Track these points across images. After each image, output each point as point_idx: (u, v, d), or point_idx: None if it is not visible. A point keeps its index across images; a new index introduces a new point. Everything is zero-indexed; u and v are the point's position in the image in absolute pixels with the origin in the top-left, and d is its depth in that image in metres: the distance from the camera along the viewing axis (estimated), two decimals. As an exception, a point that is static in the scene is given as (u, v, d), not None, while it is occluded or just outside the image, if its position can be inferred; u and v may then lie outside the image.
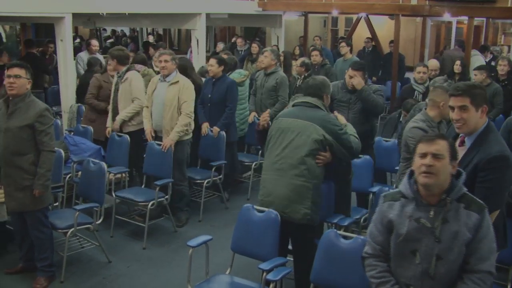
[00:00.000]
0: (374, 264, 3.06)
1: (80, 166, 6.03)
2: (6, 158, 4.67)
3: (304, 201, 4.07)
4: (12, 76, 4.58)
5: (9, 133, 4.61)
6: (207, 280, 4.12)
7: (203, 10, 10.56)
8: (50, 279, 4.95)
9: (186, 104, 6.11)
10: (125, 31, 21.03)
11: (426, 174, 2.81)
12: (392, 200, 3.01)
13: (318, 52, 9.19)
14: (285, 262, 3.99)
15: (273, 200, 4.15)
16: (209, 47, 14.74)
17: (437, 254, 2.80)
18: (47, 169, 4.67)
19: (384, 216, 3.01)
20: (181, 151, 6.23)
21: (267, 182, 4.26)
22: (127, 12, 9.43)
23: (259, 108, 7.65)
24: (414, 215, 2.87)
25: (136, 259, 5.53)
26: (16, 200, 4.70)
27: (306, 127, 4.12)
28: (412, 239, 2.86)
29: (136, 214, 6.48)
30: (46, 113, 4.65)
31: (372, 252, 3.09)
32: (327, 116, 4.24)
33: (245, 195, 7.37)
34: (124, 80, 6.61)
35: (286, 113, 4.40)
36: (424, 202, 2.87)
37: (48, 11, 7.60)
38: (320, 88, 4.38)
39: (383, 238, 3.03)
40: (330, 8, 12.50)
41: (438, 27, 15.86)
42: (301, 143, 4.11)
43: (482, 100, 3.39)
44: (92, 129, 7.02)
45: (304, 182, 4.08)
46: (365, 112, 5.82)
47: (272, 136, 4.31)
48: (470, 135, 3.44)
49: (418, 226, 2.85)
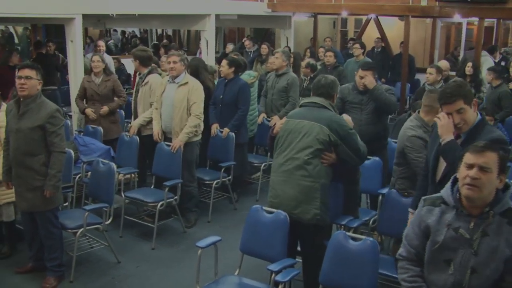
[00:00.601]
0: (407, 268, 2.98)
1: (90, 167, 6.05)
2: (17, 158, 4.69)
3: (313, 202, 4.07)
4: (23, 77, 4.59)
5: (20, 134, 4.63)
6: (216, 281, 4.12)
7: (213, 11, 10.57)
8: (60, 279, 4.97)
9: (196, 105, 6.12)
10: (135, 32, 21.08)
11: (469, 187, 2.69)
12: (432, 205, 2.90)
13: (332, 54, 9.05)
14: (294, 263, 3.99)
15: (281, 202, 4.16)
16: (219, 48, 14.76)
17: (472, 267, 2.71)
18: (57, 170, 4.68)
19: (422, 221, 2.91)
20: (191, 152, 6.23)
21: (275, 184, 4.27)
22: (136, 13, 9.46)
23: (270, 109, 7.66)
24: (453, 224, 2.77)
25: (145, 260, 5.54)
26: (27, 200, 4.73)
27: (312, 128, 4.12)
28: (448, 248, 2.78)
29: (145, 215, 6.49)
30: (57, 114, 4.67)
31: (406, 255, 3.00)
32: (334, 116, 4.23)
33: (254, 196, 7.37)
34: (144, 84, 6.62)
35: (293, 114, 4.39)
36: (465, 212, 2.76)
37: (58, 12, 7.63)
38: (332, 87, 4.39)
39: (419, 242, 2.94)
40: (340, 9, 12.47)
41: (448, 28, 15.77)
42: (307, 144, 4.11)
43: (471, 95, 3.48)
44: (102, 129, 7.06)
45: (312, 183, 4.08)
46: (378, 112, 5.78)
47: (280, 138, 4.31)
48: (468, 127, 3.49)
49: (456, 235, 2.75)
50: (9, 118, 4.80)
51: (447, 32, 15.87)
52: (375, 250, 3.60)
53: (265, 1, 12.35)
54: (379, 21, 13.03)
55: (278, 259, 3.95)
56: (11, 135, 4.74)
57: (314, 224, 4.10)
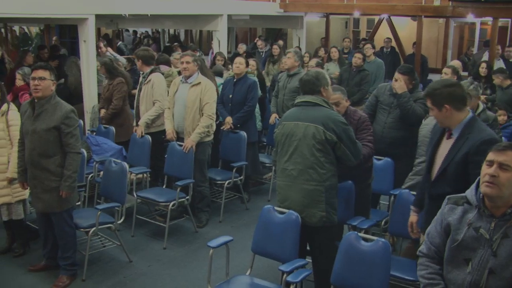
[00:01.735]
0: (426, 265, 2.98)
1: (102, 166, 6.07)
2: (32, 160, 4.72)
3: (318, 205, 4.04)
4: (36, 78, 4.60)
5: (36, 135, 4.65)
6: (227, 281, 4.12)
7: (225, 12, 10.59)
8: (72, 278, 5.00)
9: (208, 105, 6.13)
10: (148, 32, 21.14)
11: (488, 184, 2.68)
12: (454, 204, 2.90)
13: (361, 56, 8.77)
14: (305, 264, 3.97)
15: (289, 206, 4.14)
16: (231, 48, 14.76)
17: (490, 268, 2.68)
18: (73, 171, 4.70)
19: (444, 219, 2.91)
20: (203, 152, 6.25)
21: (281, 188, 4.24)
22: (149, 13, 9.50)
23: (281, 109, 7.64)
24: (475, 224, 2.76)
25: (157, 259, 5.55)
26: (43, 201, 4.75)
27: (308, 130, 4.05)
28: (467, 247, 2.76)
29: (157, 214, 6.51)
30: (71, 115, 4.68)
31: (427, 252, 2.99)
32: (329, 113, 4.10)
33: (266, 196, 7.38)
34: (147, 82, 6.67)
35: (288, 116, 4.31)
36: (487, 212, 2.74)
37: (71, 12, 7.69)
38: (314, 83, 4.20)
39: (440, 241, 2.93)
40: (352, 9, 12.45)
41: (462, 28, 15.66)
42: (305, 147, 4.05)
43: (443, 100, 3.57)
44: (114, 129, 7.10)
45: (316, 186, 4.04)
46: (403, 118, 5.58)
47: (278, 142, 4.27)
48: (454, 126, 3.56)
49: (476, 235, 2.74)
50: (24, 119, 4.82)
51: (460, 32, 15.76)
52: (387, 251, 3.58)
53: (277, 1, 12.36)
54: (391, 21, 12.98)
55: (289, 260, 3.95)
56: (26, 136, 4.76)
57: (322, 226, 4.08)
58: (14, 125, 5.17)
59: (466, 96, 3.67)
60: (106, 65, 7.33)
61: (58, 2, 7.42)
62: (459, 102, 3.57)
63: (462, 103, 3.58)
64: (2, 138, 5.16)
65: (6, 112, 5.19)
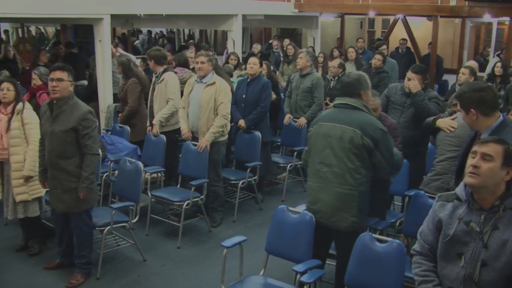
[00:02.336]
0: (420, 262, 3.03)
1: (117, 165, 6.11)
2: (51, 161, 4.75)
3: (350, 209, 3.96)
4: (54, 79, 4.62)
5: (54, 136, 4.68)
6: (241, 281, 4.12)
7: (240, 12, 10.60)
8: (87, 276, 5.03)
9: (223, 105, 6.13)
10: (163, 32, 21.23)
11: (471, 174, 2.76)
12: (445, 200, 2.96)
13: (381, 57, 8.71)
14: (319, 264, 3.96)
15: (319, 209, 4.06)
16: (245, 48, 14.78)
17: (483, 260, 2.73)
18: (90, 172, 4.70)
19: (435, 215, 2.97)
20: (217, 152, 6.25)
21: (312, 190, 4.15)
22: (164, 13, 9.53)
23: (294, 110, 7.64)
24: (465, 218, 2.81)
25: (171, 258, 5.57)
26: (62, 202, 4.79)
27: (345, 133, 3.95)
28: (459, 242, 2.81)
29: (171, 214, 6.53)
30: (89, 116, 4.68)
31: (420, 250, 3.05)
32: (368, 118, 4.00)
33: (280, 196, 7.37)
34: (160, 81, 6.69)
35: (325, 117, 4.20)
36: (477, 206, 2.80)
37: (87, 12, 7.74)
38: (354, 86, 4.11)
39: (432, 238, 2.98)
40: (367, 9, 12.39)
41: (478, 28, 15.53)
42: (341, 150, 3.96)
43: (470, 104, 3.62)
44: (129, 129, 7.14)
45: (350, 191, 3.95)
46: (417, 118, 5.53)
47: (312, 143, 4.18)
48: (483, 130, 3.59)
49: (467, 229, 2.79)
50: (43, 120, 4.86)
51: (476, 32, 15.63)
52: (401, 252, 3.56)
53: (292, 1, 12.34)
54: (406, 21, 12.90)
55: (303, 260, 3.93)
56: (45, 137, 4.80)
57: (351, 231, 3.98)
58: (29, 124, 5.22)
59: (496, 101, 3.68)
60: (123, 65, 7.36)
61: (74, 2, 7.47)
62: (487, 107, 3.58)
63: (491, 108, 3.59)
64: (17, 137, 5.22)
65: (21, 111, 5.25)
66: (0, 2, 6.74)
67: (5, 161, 5.31)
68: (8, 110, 5.26)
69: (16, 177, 5.22)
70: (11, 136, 5.20)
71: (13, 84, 5.34)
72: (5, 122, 5.22)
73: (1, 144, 5.23)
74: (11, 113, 5.24)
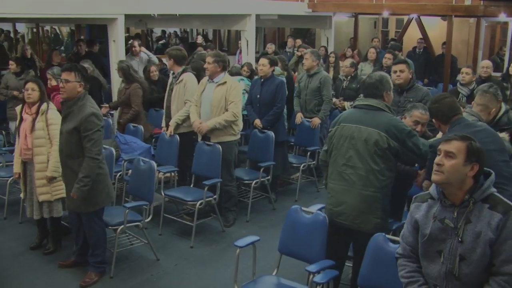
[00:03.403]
0: (404, 264, 3.11)
1: (131, 165, 6.14)
2: (62, 160, 4.82)
3: (375, 211, 3.96)
4: (62, 80, 4.68)
5: (62, 136, 4.73)
6: (254, 281, 4.12)
7: (253, 11, 10.60)
8: (101, 275, 5.05)
9: (233, 104, 6.13)
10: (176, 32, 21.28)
11: (435, 172, 2.87)
12: (420, 201, 3.05)
13: (391, 56, 8.66)
14: (332, 265, 3.94)
15: (343, 211, 4.03)
16: (259, 48, 14.77)
17: (460, 254, 2.80)
18: (85, 175, 4.63)
19: (412, 217, 3.05)
20: (229, 151, 6.25)
21: (335, 192, 4.11)
22: (177, 13, 9.56)
23: (304, 109, 7.66)
24: (439, 216, 2.90)
25: (184, 258, 5.58)
26: (72, 201, 4.81)
27: (371, 135, 3.93)
28: (437, 239, 2.89)
29: (184, 213, 6.54)
30: (91, 118, 4.62)
31: (403, 252, 3.13)
32: (393, 120, 4.00)
33: (293, 196, 7.36)
34: (179, 82, 6.69)
35: (347, 118, 4.15)
36: (448, 202, 2.88)
37: (101, 12, 7.78)
38: (377, 87, 4.10)
39: (412, 239, 3.06)
40: (381, 9, 12.32)
41: (493, 28, 15.39)
42: (367, 152, 3.94)
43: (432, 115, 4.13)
44: (142, 128, 7.17)
45: (374, 193, 3.94)
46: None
47: (334, 143, 4.14)
48: None
49: (442, 226, 2.87)
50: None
51: (491, 32, 15.50)
52: (415, 253, 3.54)
53: (305, 1, 12.32)
54: (421, 21, 12.82)
55: (316, 260, 3.93)
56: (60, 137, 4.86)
57: (374, 233, 3.93)
58: (54, 124, 5.23)
59: (452, 109, 3.95)
60: (123, 70, 7.53)
61: (88, 2, 7.53)
62: (442, 116, 3.97)
63: (447, 116, 3.95)
64: (41, 137, 5.24)
65: (46, 111, 5.28)
66: (17, 2, 6.81)
67: (29, 161, 5.35)
68: (32, 110, 5.30)
69: (39, 177, 5.26)
70: (35, 137, 5.24)
71: (37, 84, 5.37)
72: (29, 122, 5.26)
73: (25, 144, 5.27)
74: (36, 113, 5.28)
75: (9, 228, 6.23)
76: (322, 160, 4.36)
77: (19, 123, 5.41)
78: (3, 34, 17.52)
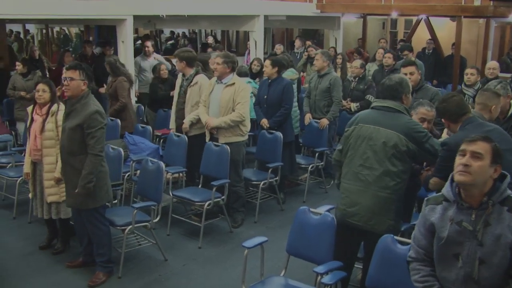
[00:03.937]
0: (418, 268, 3.04)
1: (139, 165, 6.15)
2: (63, 157, 4.85)
3: (389, 213, 3.95)
4: (66, 78, 4.71)
5: (65, 133, 4.77)
6: (262, 282, 4.12)
7: (261, 12, 10.61)
8: (108, 275, 5.07)
9: (240, 105, 6.12)
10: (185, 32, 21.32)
11: (461, 172, 2.78)
12: (434, 203, 2.98)
13: (391, 55, 8.77)
14: (340, 266, 3.93)
15: (357, 212, 4.00)
16: (267, 49, 14.77)
17: (480, 258, 2.75)
18: (88, 172, 4.67)
19: (426, 220, 2.99)
20: (237, 152, 6.25)
21: (350, 192, 4.08)
22: (186, 14, 9.57)
23: (313, 110, 7.66)
24: (456, 218, 2.83)
25: (192, 258, 5.59)
26: (71, 197, 4.84)
27: (389, 137, 3.92)
28: (454, 243, 2.83)
29: (192, 214, 6.54)
30: (95, 116, 4.67)
31: (416, 256, 3.07)
32: (411, 123, 4.00)
33: (301, 197, 7.35)
34: (193, 84, 6.67)
35: (365, 118, 4.13)
36: (466, 205, 2.82)
37: (110, 13, 7.81)
38: (397, 89, 4.08)
39: (426, 242, 3.00)
40: (390, 10, 12.28)
41: (503, 28, 15.30)
42: (385, 154, 3.92)
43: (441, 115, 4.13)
44: (151, 128, 7.18)
45: (389, 194, 3.93)
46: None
47: (352, 144, 4.11)
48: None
49: (460, 229, 2.81)
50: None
51: (501, 32, 15.42)
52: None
53: (314, 1, 12.31)
54: (429, 22, 12.77)
55: (324, 261, 3.92)
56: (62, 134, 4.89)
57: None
58: (60, 126, 5.26)
59: (461, 107, 3.96)
60: (110, 64, 7.63)
61: (97, 3, 7.56)
62: (451, 115, 3.98)
63: (456, 115, 3.96)
64: (51, 138, 5.27)
65: (56, 113, 5.30)
66: (27, 3, 6.85)
67: (38, 162, 5.37)
68: (43, 111, 5.33)
69: (48, 178, 5.28)
70: (45, 138, 5.26)
71: (48, 85, 5.40)
72: (39, 123, 5.29)
73: (35, 145, 5.30)
74: (46, 114, 5.31)
75: (18, 227, 6.26)
76: (336, 160, 4.33)
77: (30, 124, 5.45)
78: (13, 35, 17.66)
